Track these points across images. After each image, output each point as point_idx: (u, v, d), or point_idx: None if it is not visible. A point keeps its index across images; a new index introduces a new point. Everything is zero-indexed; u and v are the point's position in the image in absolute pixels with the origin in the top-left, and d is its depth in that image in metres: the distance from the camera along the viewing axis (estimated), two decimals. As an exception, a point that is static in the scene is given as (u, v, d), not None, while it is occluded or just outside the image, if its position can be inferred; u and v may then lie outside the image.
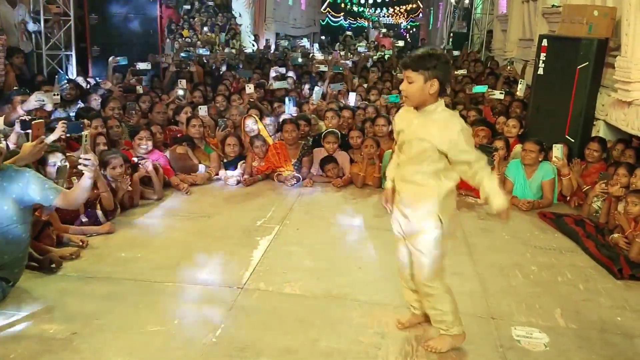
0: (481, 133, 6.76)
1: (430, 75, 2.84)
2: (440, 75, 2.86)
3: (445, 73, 2.90)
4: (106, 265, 4.17)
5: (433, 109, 2.94)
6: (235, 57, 12.32)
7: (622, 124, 6.10)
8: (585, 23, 6.47)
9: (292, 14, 29.82)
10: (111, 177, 5.09)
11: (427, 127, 2.93)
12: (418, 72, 2.86)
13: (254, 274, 4.08)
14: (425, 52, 2.91)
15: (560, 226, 5.29)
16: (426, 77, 2.85)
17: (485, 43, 15.33)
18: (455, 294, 3.90)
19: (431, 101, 2.92)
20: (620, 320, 3.71)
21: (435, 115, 2.94)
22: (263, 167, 6.51)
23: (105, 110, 6.81)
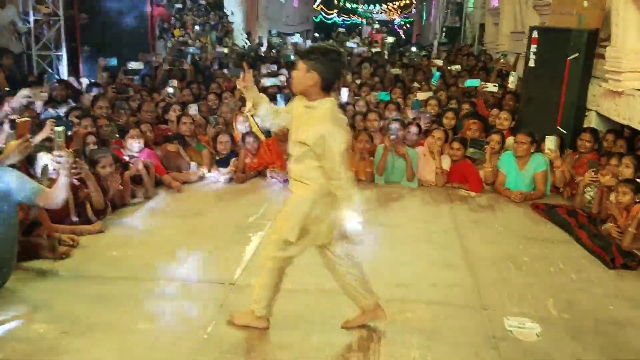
0: (473, 126, 6.78)
1: (310, 66, 2.88)
2: (321, 69, 2.88)
3: (329, 70, 2.89)
4: (97, 264, 4.15)
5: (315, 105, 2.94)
6: (227, 56, 12.26)
7: (613, 114, 6.10)
8: (575, 14, 6.48)
9: (284, 11, 29.78)
10: (101, 176, 5.06)
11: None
12: (302, 61, 2.92)
13: (246, 270, 4.07)
14: (315, 46, 2.98)
15: (553, 217, 5.29)
16: (307, 67, 2.89)
17: (477, 37, 15.34)
18: (448, 286, 3.95)
19: (315, 96, 2.93)
20: (612, 310, 3.71)
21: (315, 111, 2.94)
22: (255, 164, 6.49)
23: (93, 109, 6.78)
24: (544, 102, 6.78)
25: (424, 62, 12.08)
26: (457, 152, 6.23)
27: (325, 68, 2.89)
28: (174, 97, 8.57)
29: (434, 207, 5.71)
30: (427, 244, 4.76)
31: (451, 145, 6.29)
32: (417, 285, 3.96)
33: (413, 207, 5.74)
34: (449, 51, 13.37)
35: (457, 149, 6.23)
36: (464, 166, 6.25)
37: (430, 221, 5.28)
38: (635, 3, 5.65)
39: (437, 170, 6.26)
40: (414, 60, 12.43)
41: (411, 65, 11.59)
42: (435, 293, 3.86)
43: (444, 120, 6.96)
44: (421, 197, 5.97)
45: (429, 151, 6.32)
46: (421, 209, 5.64)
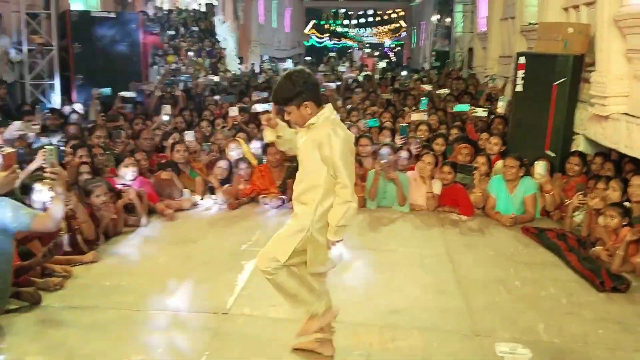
0: (464, 151, 6.85)
1: (298, 102, 2.96)
2: (306, 96, 2.96)
3: (310, 91, 2.97)
4: (90, 294, 4.15)
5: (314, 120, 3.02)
6: (217, 84, 12.36)
7: (600, 138, 6.20)
8: (560, 40, 6.61)
9: (276, 37, 30.14)
10: (95, 205, 5.09)
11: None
12: (288, 106, 2.99)
13: (239, 299, 4.09)
14: (282, 86, 3.00)
15: (543, 240, 5.34)
16: (297, 104, 2.96)
17: (466, 61, 15.54)
18: (440, 311, 3.98)
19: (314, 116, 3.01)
20: (602, 333, 3.74)
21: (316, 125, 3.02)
22: (248, 190, 6.53)
23: (91, 139, 6.83)
24: (532, 126, 6.89)
25: (417, 85, 12.22)
26: (447, 176, 6.30)
27: (308, 91, 2.96)
28: (169, 125, 8.64)
29: (425, 231, 5.76)
30: (419, 268, 4.80)
31: (442, 170, 6.36)
32: (409, 311, 3.98)
33: (405, 231, 5.79)
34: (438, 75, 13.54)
35: (448, 173, 6.29)
36: (454, 190, 6.32)
37: (422, 245, 5.32)
38: (618, 29, 5.78)
39: (428, 195, 6.32)
40: (405, 84, 12.57)
41: (402, 90, 11.71)
42: (428, 319, 3.88)
43: (434, 147, 7.02)
44: (412, 221, 6.01)
45: (419, 176, 6.38)
46: (413, 234, 5.69)
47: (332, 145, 2.92)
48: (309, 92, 2.96)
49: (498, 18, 12.11)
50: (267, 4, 27.63)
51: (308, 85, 2.97)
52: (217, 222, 5.93)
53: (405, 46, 42.74)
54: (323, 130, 2.96)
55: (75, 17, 10.03)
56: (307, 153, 3.04)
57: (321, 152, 2.95)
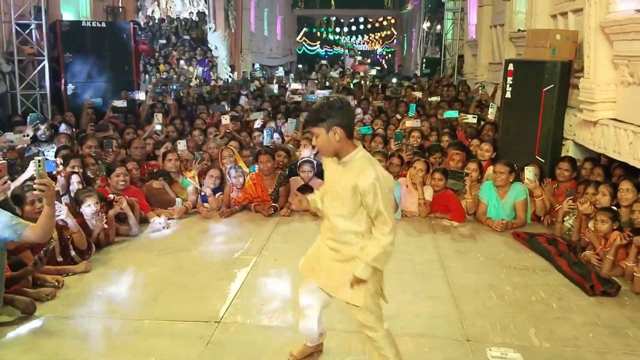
0: (456, 157, 6.90)
1: (328, 125, 2.85)
2: (338, 121, 2.84)
3: (344, 117, 2.87)
4: (82, 304, 4.15)
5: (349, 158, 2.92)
6: (208, 92, 12.37)
7: (589, 143, 6.26)
8: (548, 47, 6.67)
9: (268, 45, 30.19)
10: (86, 215, 5.09)
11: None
12: (318, 126, 2.88)
13: (231, 307, 4.10)
14: (318, 106, 2.93)
15: (534, 245, 5.38)
16: (326, 128, 2.86)
17: (457, 67, 15.64)
18: (431, 317, 4.01)
19: (346, 149, 2.91)
20: (592, 337, 3.78)
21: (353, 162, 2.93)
22: (240, 199, 6.54)
23: (82, 149, 6.83)
24: (521, 132, 6.95)
25: (408, 92, 12.29)
26: (439, 182, 6.33)
27: (340, 119, 2.85)
28: (161, 134, 8.65)
29: (417, 237, 5.79)
30: (411, 275, 4.82)
31: (433, 176, 6.40)
32: (401, 317, 4.00)
33: (397, 238, 5.74)
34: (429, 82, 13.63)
35: (439, 180, 6.33)
36: (446, 196, 6.35)
37: (414, 252, 5.34)
38: (605, 36, 5.85)
39: (419, 201, 6.35)
40: (396, 91, 12.63)
41: (393, 97, 11.78)
42: (420, 325, 3.91)
43: (431, 160, 7.03)
44: (404, 228, 6.03)
45: (411, 182, 6.41)
46: (405, 240, 5.70)
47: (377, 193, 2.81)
48: (339, 119, 2.85)
49: (487, 25, 12.22)
50: (259, 12, 27.69)
51: (339, 112, 2.86)
52: (209, 230, 5.93)
53: (396, 53, 42.98)
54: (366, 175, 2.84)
55: (65, 27, 10.03)
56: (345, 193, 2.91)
57: (365, 199, 2.85)
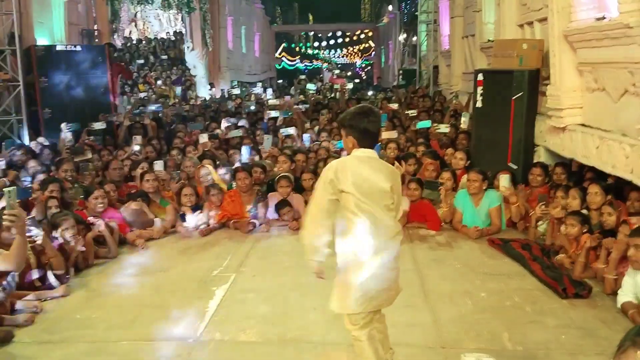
0: (430, 167, 7.01)
1: (346, 132, 3.07)
2: (353, 132, 3.02)
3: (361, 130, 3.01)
4: (61, 328, 4.15)
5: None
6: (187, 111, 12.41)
7: (559, 149, 6.40)
8: (516, 56, 6.83)
9: (246, 62, 30.37)
10: (64, 239, 5.10)
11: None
12: (342, 129, 3.13)
13: (210, 325, 4.13)
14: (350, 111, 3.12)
15: (508, 251, 5.48)
16: (345, 134, 3.09)
17: (432, 78, 15.85)
18: (407, 326, 4.06)
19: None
20: (564, 339, 3.86)
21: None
22: (219, 216, 6.58)
23: (59, 173, 6.83)
24: (494, 140, 7.08)
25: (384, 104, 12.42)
26: (414, 192, 6.43)
27: (357, 129, 3.01)
28: (140, 155, 8.67)
29: (394, 248, 5.84)
30: (388, 285, 4.87)
31: (408, 186, 6.49)
32: (378, 327, 4.05)
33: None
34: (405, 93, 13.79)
35: (415, 189, 6.42)
36: (422, 206, 6.44)
37: (391, 262, 5.40)
38: (569, 44, 6.01)
39: (397, 212, 6.42)
40: (374, 104, 12.77)
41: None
42: (395, 334, 3.90)
43: (408, 168, 7.14)
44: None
45: (387, 194, 6.48)
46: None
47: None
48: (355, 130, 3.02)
49: (459, 36, 12.43)
50: (236, 30, 27.88)
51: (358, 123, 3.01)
52: (188, 249, 5.95)
53: (375, 65, 43.38)
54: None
55: (40, 52, 10.05)
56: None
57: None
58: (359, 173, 2.97)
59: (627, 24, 4.77)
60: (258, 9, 35.44)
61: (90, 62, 10.45)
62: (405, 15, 26.35)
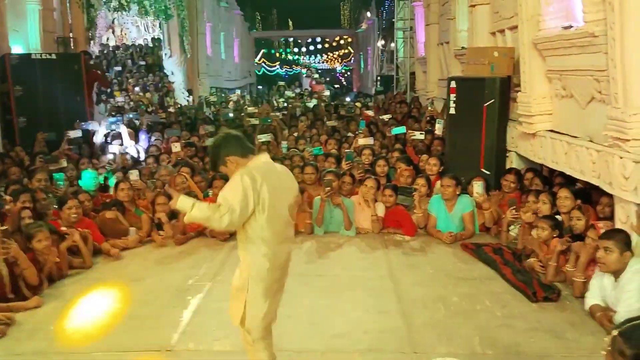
0: (405, 173, 7.09)
1: (223, 161, 3.18)
2: (227, 152, 3.16)
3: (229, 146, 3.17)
4: (34, 340, 4.13)
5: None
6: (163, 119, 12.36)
7: (530, 154, 6.51)
8: (487, 63, 6.95)
9: (225, 68, 30.31)
10: (37, 250, 5.07)
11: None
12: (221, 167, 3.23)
13: (184, 335, 4.13)
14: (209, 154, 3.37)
15: (480, 255, 5.56)
16: (225, 163, 3.18)
17: (409, 84, 15.99)
18: (380, 332, 4.11)
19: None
20: (533, 342, 3.94)
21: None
22: (195, 224, 6.56)
23: (32, 182, 6.78)
24: (467, 146, 7.18)
25: (362, 111, 12.51)
26: (389, 198, 6.50)
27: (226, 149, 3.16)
28: (114, 163, 8.64)
29: (370, 254, 5.91)
30: (362, 291, 4.93)
31: (383, 193, 6.56)
32: (351, 334, 4.10)
33: (350, 255, 5.93)
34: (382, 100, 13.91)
35: (390, 196, 6.50)
36: (397, 212, 6.52)
37: (367, 268, 5.47)
38: (538, 52, 6.13)
39: (372, 218, 6.49)
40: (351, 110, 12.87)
41: (347, 116, 11.98)
42: (368, 340, 4.01)
43: (377, 169, 7.26)
44: (358, 244, 6.16)
45: (363, 200, 6.56)
46: (358, 257, 5.83)
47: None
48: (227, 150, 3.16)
49: (435, 43, 12.56)
50: (215, 36, 27.84)
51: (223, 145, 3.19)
52: (164, 258, 5.94)
53: (354, 71, 43.58)
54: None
55: (15, 60, 9.97)
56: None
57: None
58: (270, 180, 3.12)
59: (592, 32, 4.89)
60: (237, 15, 35.44)
61: (66, 70, 10.39)
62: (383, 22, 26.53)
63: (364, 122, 9.51)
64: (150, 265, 5.76)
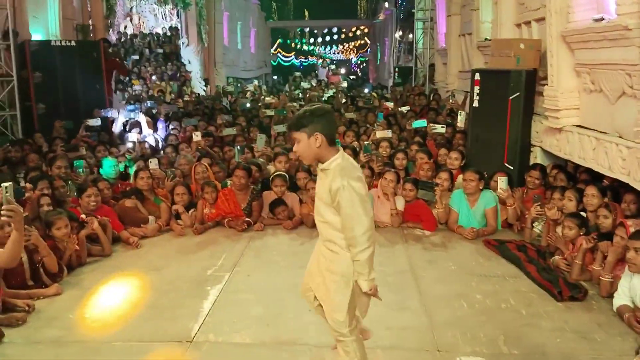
0: (425, 166, 6.98)
1: (310, 130, 2.94)
2: (320, 128, 2.93)
3: (325, 124, 2.96)
4: (53, 328, 4.11)
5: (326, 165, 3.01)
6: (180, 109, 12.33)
7: (555, 150, 6.38)
8: (513, 56, 6.80)
9: (242, 58, 30.26)
10: (57, 237, 5.06)
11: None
12: (300, 131, 2.97)
13: (204, 326, 4.09)
14: (301, 112, 3.02)
15: (504, 252, 5.46)
16: (308, 133, 2.95)
17: (428, 76, 15.83)
18: (402, 329, 4.03)
19: (327, 156, 2.99)
20: (560, 342, 3.84)
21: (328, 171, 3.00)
22: (214, 214, 6.54)
23: (52, 169, 6.77)
24: (490, 140, 7.06)
25: (381, 103, 12.40)
26: (409, 192, 6.41)
27: (321, 125, 2.94)
28: (134, 152, 8.63)
29: (389, 248, 5.83)
30: (382, 286, 4.75)
31: (404, 187, 6.47)
32: (373, 330, 4.01)
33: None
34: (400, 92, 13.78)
35: (410, 190, 6.40)
36: (417, 206, 6.42)
37: (386, 263, 5.38)
38: (566, 44, 5.99)
39: (392, 212, 6.41)
40: (369, 102, 12.75)
41: (366, 107, 11.88)
42: (391, 337, 3.94)
43: (395, 162, 7.17)
44: (377, 239, 6.04)
45: (382, 193, 6.47)
46: (377, 252, 5.53)
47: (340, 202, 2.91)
48: (321, 125, 2.94)
49: (456, 34, 12.40)
50: (232, 26, 27.78)
51: (321, 119, 2.95)
52: (182, 248, 5.91)
53: (370, 62, 43.30)
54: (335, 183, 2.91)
55: (34, 47, 9.97)
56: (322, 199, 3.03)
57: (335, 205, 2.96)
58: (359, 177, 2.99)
59: (625, 25, 4.75)
60: (254, 4, 35.34)
61: (85, 57, 10.38)
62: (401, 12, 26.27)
63: (382, 114, 9.40)
64: (169, 254, 5.72)
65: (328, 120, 3.00)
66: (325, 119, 2.97)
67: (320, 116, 2.96)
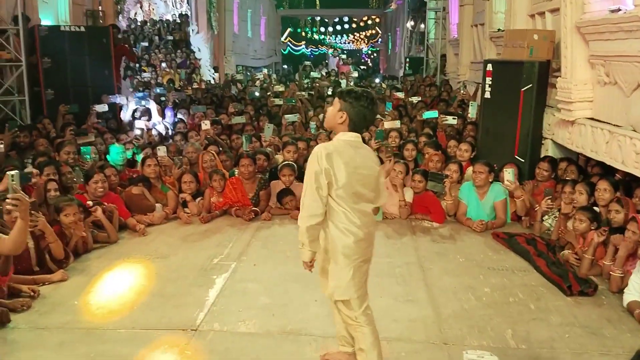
0: (435, 158, 6.91)
1: (343, 106, 3.04)
2: (350, 111, 3.03)
3: (356, 111, 3.03)
4: (58, 314, 4.10)
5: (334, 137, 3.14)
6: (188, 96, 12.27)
7: (567, 143, 6.29)
8: (526, 47, 6.70)
9: (252, 46, 30.15)
10: (64, 224, 5.04)
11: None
12: (338, 100, 3.09)
13: (209, 315, 4.07)
14: (353, 89, 3.12)
15: (513, 246, 5.40)
16: (340, 107, 3.05)
17: (440, 67, 15.69)
18: (409, 321, 4.00)
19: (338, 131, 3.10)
20: (568, 338, 3.79)
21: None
22: (221, 203, 6.51)
23: (60, 155, 6.75)
24: (501, 132, 6.97)
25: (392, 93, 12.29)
26: (418, 184, 6.35)
27: (355, 112, 3.03)
28: (142, 139, 8.60)
29: (397, 240, 5.78)
30: (390, 278, 4.81)
31: (413, 178, 6.41)
32: (379, 321, 3.92)
33: (377, 241, 5.67)
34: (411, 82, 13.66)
35: (419, 181, 6.34)
36: (426, 198, 6.36)
37: (394, 255, 5.34)
38: (581, 36, 5.89)
39: (400, 203, 6.36)
40: (380, 92, 12.63)
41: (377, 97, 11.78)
42: (397, 329, 3.90)
43: (405, 153, 7.10)
44: (385, 230, 6.03)
45: (391, 184, 6.41)
46: (385, 243, 5.70)
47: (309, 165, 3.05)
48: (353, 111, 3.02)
49: (468, 24, 12.27)
50: (242, 14, 27.65)
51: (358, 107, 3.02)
52: (189, 236, 5.89)
53: (381, 52, 43.03)
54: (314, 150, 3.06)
55: (44, 32, 9.92)
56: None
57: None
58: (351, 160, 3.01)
59: (642, 16, 4.66)
60: (265, -8, 35.17)
61: (94, 43, 10.33)
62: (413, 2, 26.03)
63: (390, 104, 9.30)
64: (175, 242, 5.70)
65: (361, 108, 3.03)
66: (359, 105, 3.03)
67: (357, 99, 3.03)
